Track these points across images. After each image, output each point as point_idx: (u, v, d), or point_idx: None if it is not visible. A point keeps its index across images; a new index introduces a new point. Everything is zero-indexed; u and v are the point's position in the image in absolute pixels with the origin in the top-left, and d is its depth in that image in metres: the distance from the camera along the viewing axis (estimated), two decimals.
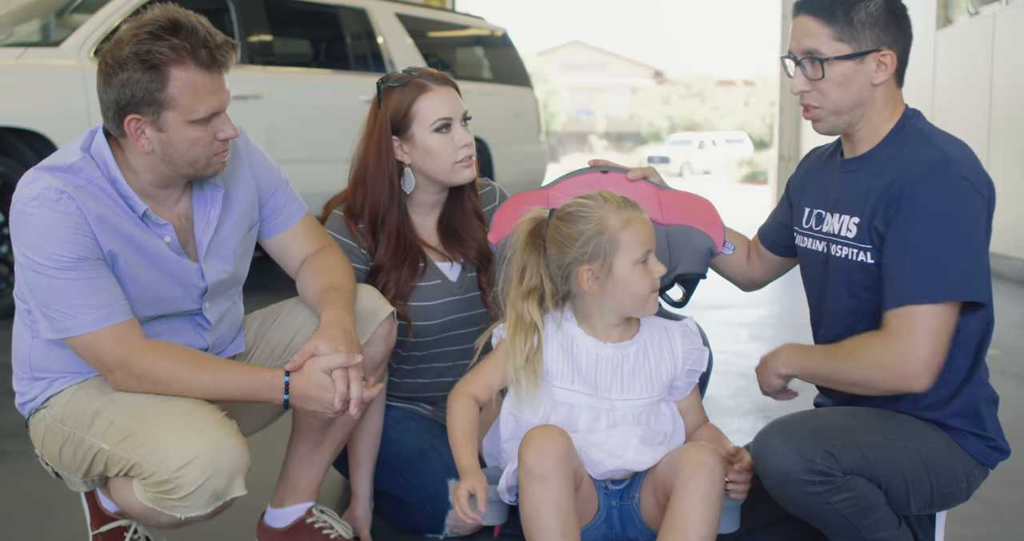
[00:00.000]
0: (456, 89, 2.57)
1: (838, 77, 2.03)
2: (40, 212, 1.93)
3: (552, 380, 2.06)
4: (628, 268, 2.01)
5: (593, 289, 2.03)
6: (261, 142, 2.38)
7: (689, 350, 2.12)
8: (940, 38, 9.32)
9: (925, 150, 1.99)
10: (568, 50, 61.42)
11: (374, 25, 7.24)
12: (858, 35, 2.00)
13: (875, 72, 2.02)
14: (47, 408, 2.09)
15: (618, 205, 2.03)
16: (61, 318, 1.96)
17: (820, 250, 2.16)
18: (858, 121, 2.07)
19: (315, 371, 2.00)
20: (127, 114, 1.96)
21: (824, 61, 2.02)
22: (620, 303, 2.05)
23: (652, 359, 2.09)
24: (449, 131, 2.51)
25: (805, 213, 2.22)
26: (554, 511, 1.90)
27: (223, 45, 1.99)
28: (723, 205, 3.08)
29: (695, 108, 53.40)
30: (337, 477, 2.85)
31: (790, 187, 2.32)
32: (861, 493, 1.90)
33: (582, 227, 2.01)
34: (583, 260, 2.02)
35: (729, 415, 3.72)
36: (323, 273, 2.28)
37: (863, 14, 2.00)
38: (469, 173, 2.56)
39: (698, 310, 2.71)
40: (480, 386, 2.11)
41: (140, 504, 1.97)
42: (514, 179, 7.63)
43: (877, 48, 2.01)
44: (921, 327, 1.89)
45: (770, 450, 1.91)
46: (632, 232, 2.01)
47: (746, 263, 2.42)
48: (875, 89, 2.04)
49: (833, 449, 1.88)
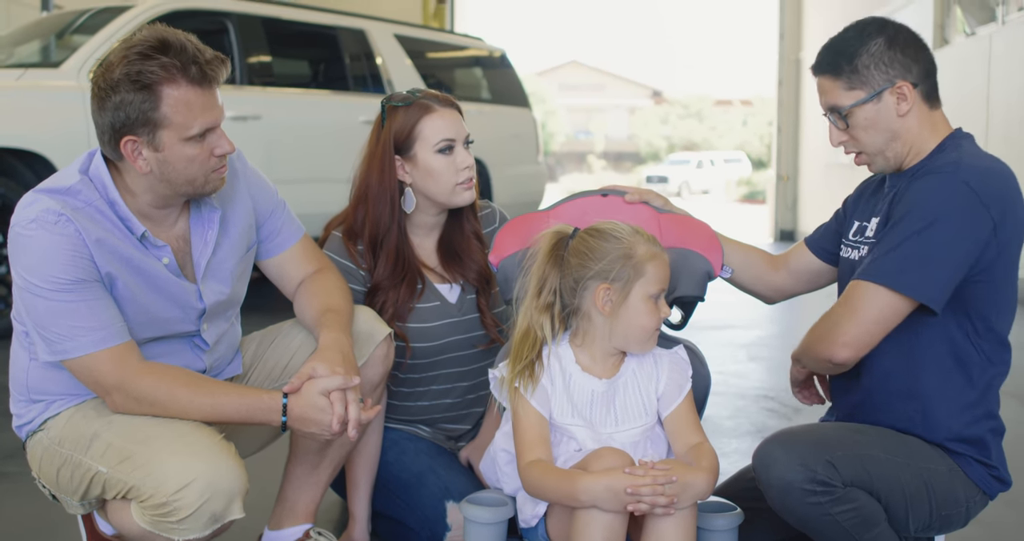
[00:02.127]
0: (459, 111, 2.58)
1: (863, 122, 2.09)
2: (38, 234, 1.93)
3: (554, 415, 2.06)
4: (642, 299, 2.02)
5: (605, 310, 2.03)
6: (260, 162, 2.39)
7: (671, 377, 2.12)
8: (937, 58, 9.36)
9: (948, 157, 2.03)
10: (566, 70, 61.60)
11: (373, 46, 7.27)
12: (867, 78, 2.07)
13: (897, 105, 2.07)
14: (44, 430, 2.09)
15: (648, 240, 2.06)
16: (59, 340, 1.96)
17: (856, 259, 2.18)
18: (904, 151, 2.11)
19: (313, 393, 2.00)
20: (123, 136, 1.96)
21: (845, 113, 2.08)
22: (626, 332, 2.05)
23: (641, 386, 2.09)
24: (452, 153, 2.52)
25: (854, 226, 2.25)
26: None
27: (213, 60, 1.99)
28: (722, 225, 3.08)
29: (693, 128, 53.52)
30: (335, 499, 2.85)
31: (847, 202, 2.35)
32: (862, 505, 1.91)
33: (613, 245, 2.03)
34: (604, 278, 2.02)
35: (727, 436, 3.71)
36: (320, 295, 2.28)
37: (865, 58, 2.06)
38: (469, 195, 2.56)
39: (697, 331, 2.71)
40: (533, 445, 2.03)
41: (138, 527, 1.97)
42: (512, 199, 7.65)
43: (890, 83, 2.06)
44: (869, 305, 1.96)
45: (772, 460, 1.92)
46: (656, 267, 2.03)
47: (771, 272, 2.40)
48: (904, 119, 2.09)
49: (835, 460, 1.89)
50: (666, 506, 1.85)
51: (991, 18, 8.51)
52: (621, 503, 1.85)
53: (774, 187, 15.03)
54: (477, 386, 2.67)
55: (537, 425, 2.03)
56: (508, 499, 2.13)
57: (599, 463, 1.91)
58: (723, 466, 2.20)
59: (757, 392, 4.57)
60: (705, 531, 2.03)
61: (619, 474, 1.85)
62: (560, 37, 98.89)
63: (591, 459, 1.93)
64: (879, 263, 1.97)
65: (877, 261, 1.97)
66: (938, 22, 9.46)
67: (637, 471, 1.85)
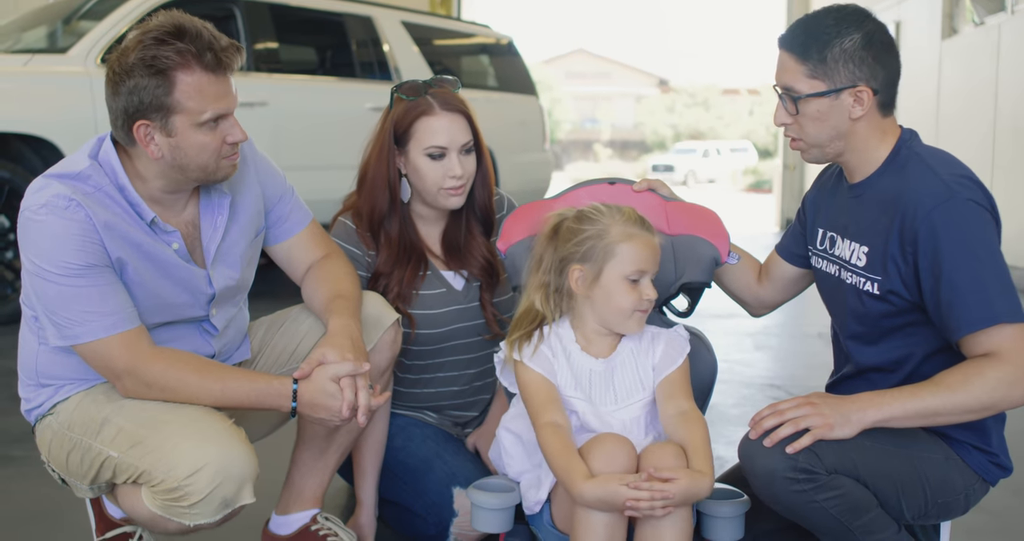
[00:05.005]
0: (466, 116, 2.51)
1: (814, 113, 2.04)
2: (49, 219, 1.94)
3: (560, 387, 2.07)
4: (616, 280, 2.03)
5: (579, 290, 2.07)
6: (267, 149, 2.39)
7: (665, 351, 2.12)
8: (945, 48, 9.33)
9: (926, 179, 1.99)
10: (573, 58, 61.46)
11: (380, 33, 7.25)
12: (832, 72, 2.01)
13: (852, 107, 2.03)
14: (54, 415, 2.10)
15: (628, 220, 2.06)
16: (69, 325, 1.97)
17: (833, 273, 2.18)
18: (844, 152, 2.09)
19: (323, 379, 2.01)
20: (136, 121, 1.97)
21: (799, 98, 2.04)
22: (602, 313, 2.07)
23: (638, 363, 2.10)
24: (442, 159, 2.48)
25: (819, 234, 2.23)
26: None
27: (228, 48, 2.00)
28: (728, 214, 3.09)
29: (700, 117, 53.37)
30: (342, 485, 2.86)
31: (806, 203, 2.34)
32: (848, 492, 1.91)
33: (586, 227, 2.06)
34: (576, 259, 2.05)
35: (733, 424, 3.71)
36: (329, 280, 2.28)
37: (837, 51, 2.00)
38: (456, 202, 2.52)
39: (703, 319, 2.71)
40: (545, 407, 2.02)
41: (148, 511, 1.98)
42: (519, 187, 7.64)
43: (853, 84, 2.01)
44: (1022, 342, 1.89)
45: (755, 450, 1.92)
46: (631, 247, 2.03)
47: (757, 284, 2.42)
48: (855, 123, 2.04)
49: (816, 448, 1.88)
50: (662, 516, 1.87)
51: (1000, 8, 8.48)
52: (616, 510, 1.87)
53: (780, 176, 15.00)
54: (484, 373, 2.68)
55: (544, 388, 2.05)
56: (515, 485, 2.13)
57: (600, 450, 1.91)
58: (728, 454, 2.20)
59: (763, 381, 4.58)
60: (711, 518, 2.04)
61: (617, 486, 1.85)
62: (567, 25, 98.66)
63: (593, 446, 1.93)
64: (986, 305, 1.89)
65: (981, 302, 1.90)
66: (947, 11, 9.42)
67: (642, 485, 1.84)
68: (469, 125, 2.51)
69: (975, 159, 8.23)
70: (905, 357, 2.07)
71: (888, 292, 2.02)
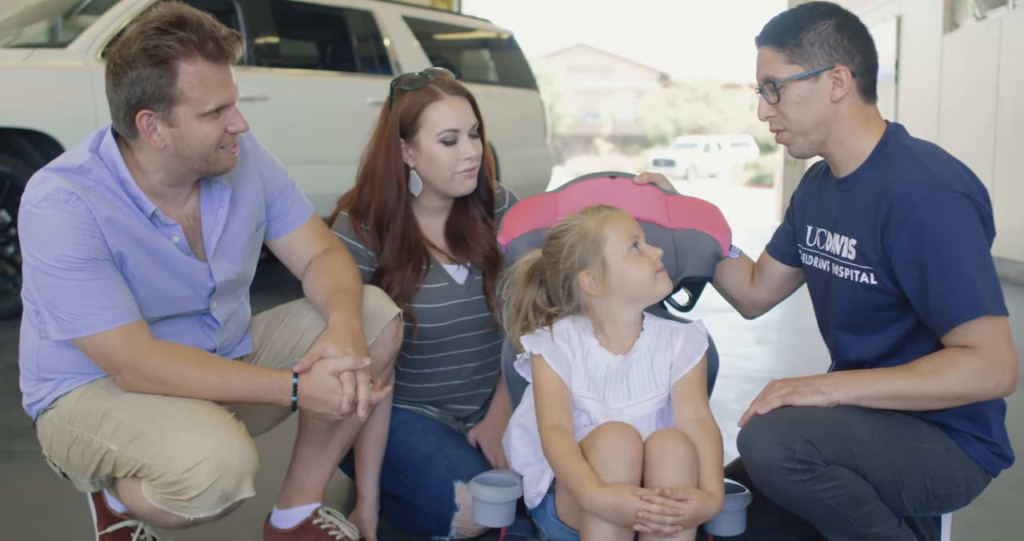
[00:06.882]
0: (469, 100, 2.55)
1: (795, 97, 2.08)
2: (49, 213, 1.93)
3: (573, 387, 2.07)
4: (621, 258, 2.06)
5: (597, 291, 2.07)
6: (267, 143, 2.39)
7: (684, 348, 2.12)
8: (947, 42, 9.32)
9: (914, 170, 2.00)
10: (574, 53, 61.42)
11: (380, 27, 7.24)
12: (808, 55, 2.06)
13: (832, 89, 2.06)
14: (55, 409, 2.10)
15: (592, 210, 2.11)
16: (70, 319, 1.97)
17: (824, 269, 2.19)
18: (827, 140, 2.10)
19: (323, 373, 2.01)
20: (138, 111, 1.96)
21: (779, 84, 2.07)
22: (628, 294, 2.07)
23: (655, 359, 2.10)
24: (455, 143, 2.50)
25: (808, 231, 2.25)
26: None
27: (229, 37, 2.00)
28: (729, 209, 3.08)
29: (701, 111, 53.36)
30: (343, 479, 2.86)
31: (794, 201, 2.35)
32: (846, 483, 1.91)
33: (565, 239, 2.09)
34: (577, 268, 2.07)
35: (734, 419, 3.70)
36: (330, 275, 2.28)
37: (812, 34, 2.05)
38: (470, 184, 2.54)
39: (704, 313, 2.71)
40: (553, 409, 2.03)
41: (148, 505, 1.98)
42: (520, 182, 7.64)
43: (830, 65, 2.05)
44: (1000, 336, 1.94)
45: (752, 441, 1.93)
46: (611, 225, 2.07)
47: (749, 286, 2.43)
48: (837, 106, 2.07)
49: (814, 439, 1.89)
50: (670, 534, 1.86)
51: (1001, 2, 8.46)
52: (624, 521, 1.86)
53: (781, 171, 15.00)
54: (485, 367, 2.68)
55: (557, 389, 2.05)
56: (516, 479, 2.13)
57: (606, 440, 1.91)
58: (728, 448, 2.21)
59: (764, 375, 4.57)
60: None
61: (629, 496, 1.84)
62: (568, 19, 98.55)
63: (598, 436, 1.93)
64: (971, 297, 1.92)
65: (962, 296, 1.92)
66: (948, 5, 9.41)
67: (655, 499, 1.83)
68: (473, 108, 2.54)
69: (977, 153, 8.23)
70: (895, 349, 2.08)
71: (881, 282, 2.03)
